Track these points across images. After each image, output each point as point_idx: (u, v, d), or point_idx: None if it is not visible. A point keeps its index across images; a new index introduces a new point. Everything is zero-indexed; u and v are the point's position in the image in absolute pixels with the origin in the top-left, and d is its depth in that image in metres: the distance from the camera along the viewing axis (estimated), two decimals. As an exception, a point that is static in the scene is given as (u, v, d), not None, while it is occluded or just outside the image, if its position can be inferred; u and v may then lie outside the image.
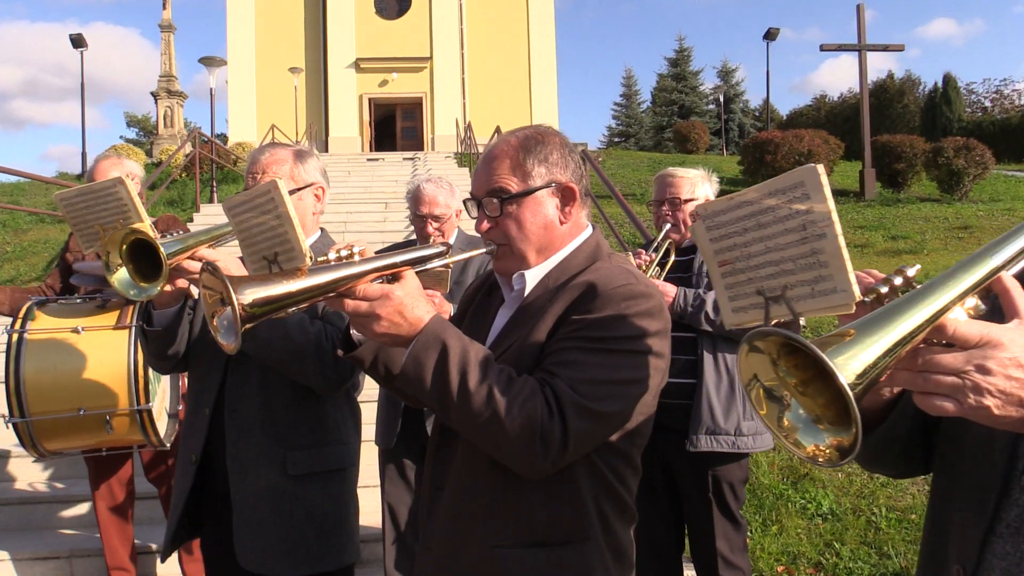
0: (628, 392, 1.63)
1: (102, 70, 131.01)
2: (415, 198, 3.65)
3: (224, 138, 29.14)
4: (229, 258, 2.16)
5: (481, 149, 23.27)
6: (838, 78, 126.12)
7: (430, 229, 3.57)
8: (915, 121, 39.42)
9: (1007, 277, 1.06)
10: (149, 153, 26.52)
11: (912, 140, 18.83)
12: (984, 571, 1.19)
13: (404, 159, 23.58)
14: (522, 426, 1.51)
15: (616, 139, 50.62)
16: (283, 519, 2.34)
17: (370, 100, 34.71)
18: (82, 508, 4.83)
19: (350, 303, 1.50)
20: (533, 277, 1.80)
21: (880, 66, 46.40)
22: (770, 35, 29.26)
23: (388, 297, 1.50)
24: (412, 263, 1.60)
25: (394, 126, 35.98)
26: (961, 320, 1.00)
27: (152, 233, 1.98)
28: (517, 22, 35.67)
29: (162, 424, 3.34)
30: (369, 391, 3.59)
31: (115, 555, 3.95)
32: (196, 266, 2.07)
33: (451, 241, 3.62)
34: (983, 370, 0.96)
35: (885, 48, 17.23)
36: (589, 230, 1.87)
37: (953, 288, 1.02)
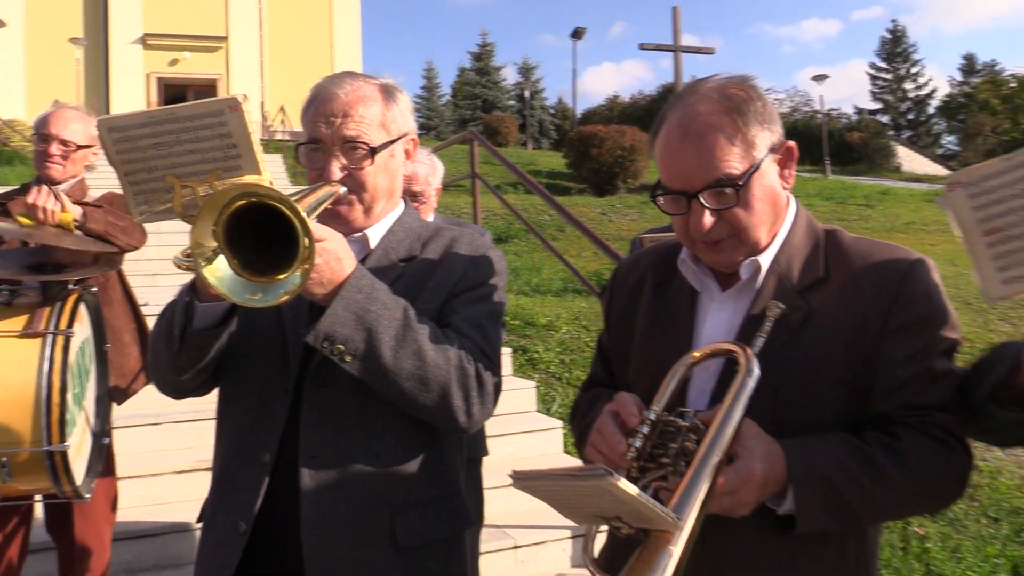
0: None
1: None
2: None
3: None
4: (336, 237, 1.52)
5: (290, 137, 21.92)
6: (601, 86, 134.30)
7: (407, 210, 3.02)
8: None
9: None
10: None
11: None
12: None
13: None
14: (942, 489, 1.36)
15: (417, 131, 50.22)
16: None
17: (159, 80, 31.97)
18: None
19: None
20: (766, 263, 1.45)
21: (644, 76, 49.33)
22: (576, 34, 30.04)
23: (750, 481, 1.22)
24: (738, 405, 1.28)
25: (186, 109, 33.40)
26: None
27: (273, 190, 1.28)
28: (320, 4, 34.29)
29: (81, 464, 2.55)
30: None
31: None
32: None
33: (429, 224, 3.09)
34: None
35: (698, 50, 18.04)
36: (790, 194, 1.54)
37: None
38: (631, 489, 1.06)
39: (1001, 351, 1.39)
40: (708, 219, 1.37)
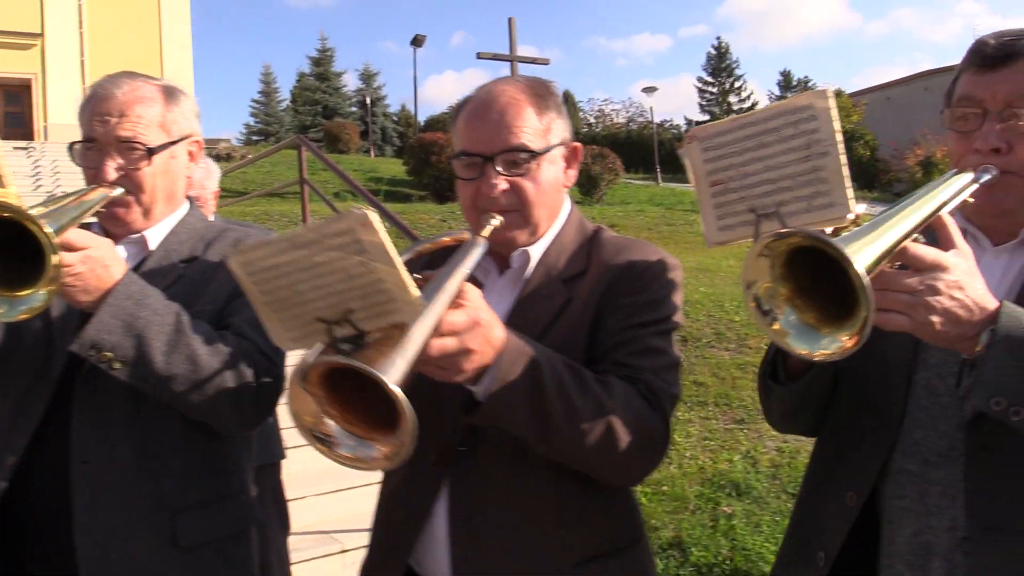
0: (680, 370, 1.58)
1: None
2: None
3: None
4: (103, 243, 1.50)
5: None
6: (444, 94, 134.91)
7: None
8: (541, 132, 43.14)
9: (944, 213, 1.19)
10: None
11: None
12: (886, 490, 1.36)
13: (15, 148, 20.31)
14: (636, 434, 1.39)
15: (255, 137, 48.70)
16: None
17: (-38, 78, 29.48)
18: None
19: (435, 345, 1.17)
20: (536, 254, 1.60)
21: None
22: (416, 41, 30.10)
23: (478, 323, 1.23)
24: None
25: (-6, 110, 30.87)
26: (918, 244, 1.11)
27: (19, 204, 1.27)
28: (147, 3, 32.66)
29: None
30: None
31: None
32: (64, 258, 1.37)
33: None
34: (933, 290, 1.07)
35: (534, 61, 18.51)
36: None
37: (915, 216, 1.14)
38: (384, 233, 1.03)
39: None
40: (501, 185, 1.50)
